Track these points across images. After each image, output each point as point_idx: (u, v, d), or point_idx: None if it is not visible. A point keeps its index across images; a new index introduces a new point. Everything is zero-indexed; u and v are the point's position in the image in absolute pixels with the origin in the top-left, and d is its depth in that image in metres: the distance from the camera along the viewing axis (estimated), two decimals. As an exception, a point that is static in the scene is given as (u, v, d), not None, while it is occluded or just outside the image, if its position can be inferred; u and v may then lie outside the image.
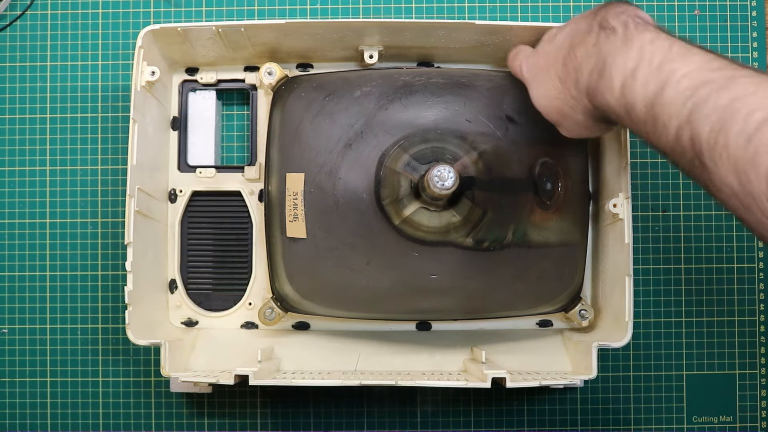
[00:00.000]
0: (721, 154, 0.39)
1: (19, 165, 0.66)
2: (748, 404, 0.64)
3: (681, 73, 0.41)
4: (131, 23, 0.66)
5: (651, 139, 0.43)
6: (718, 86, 0.40)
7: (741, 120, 0.38)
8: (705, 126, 0.39)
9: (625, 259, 0.55)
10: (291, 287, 0.59)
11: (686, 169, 0.42)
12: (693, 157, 0.40)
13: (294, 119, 0.58)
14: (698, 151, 0.40)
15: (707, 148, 0.39)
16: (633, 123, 0.44)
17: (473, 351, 0.60)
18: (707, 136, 0.39)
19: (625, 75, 0.44)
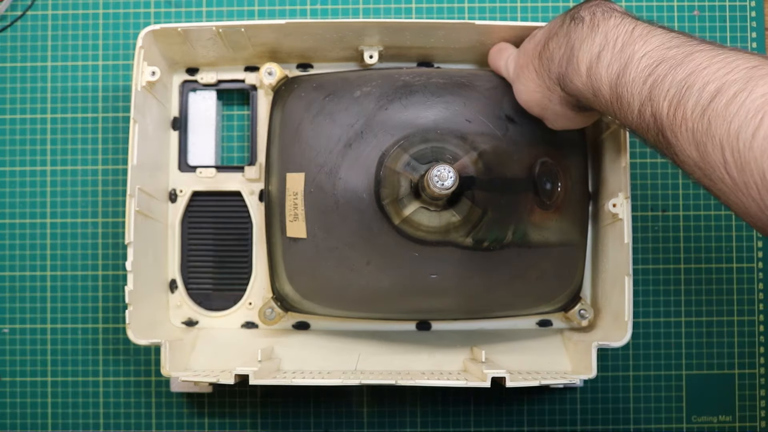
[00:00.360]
0: (681, 127, 0.40)
1: (20, 165, 0.66)
2: (748, 404, 0.64)
3: (641, 53, 0.43)
4: (131, 23, 0.66)
5: (619, 118, 0.45)
6: (676, 63, 0.41)
7: (696, 93, 0.39)
8: (664, 102, 0.41)
9: (625, 259, 0.55)
10: (291, 287, 0.59)
11: (652, 144, 0.43)
12: (657, 133, 0.42)
13: (294, 119, 0.58)
14: (660, 127, 0.41)
15: (668, 123, 0.41)
16: (601, 105, 0.46)
17: (473, 351, 0.60)
18: (666, 111, 0.41)
19: (590, 59, 0.45)
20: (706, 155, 0.39)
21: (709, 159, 0.39)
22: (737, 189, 0.38)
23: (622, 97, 0.44)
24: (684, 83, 0.40)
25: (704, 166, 0.40)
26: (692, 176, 0.41)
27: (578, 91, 0.47)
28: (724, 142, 0.38)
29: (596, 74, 0.45)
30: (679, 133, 0.40)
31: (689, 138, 0.40)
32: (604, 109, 0.46)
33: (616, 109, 0.44)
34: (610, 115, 0.46)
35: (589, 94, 0.46)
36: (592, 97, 0.46)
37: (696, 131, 0.39)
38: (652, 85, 0.42)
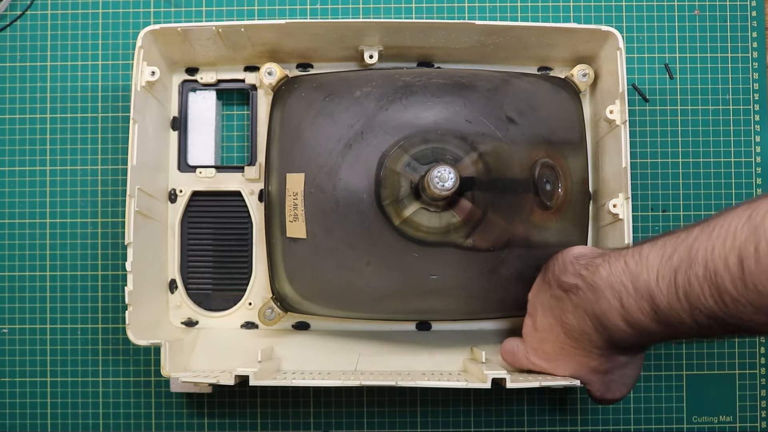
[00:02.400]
0: (737, 306, 0.40)
1: (19, 165, 0.66)
2: (748, 404, 0.64)
3: (653, 279, 0.44)
4: (131, 23, 0.66)
5: (682, 336, 0.46)
6: (688, 263, 0.42)
7: (726, 273, 0.40)
8: (709, 300, 0.41)
9: (625, 260, 0.55)
10: (291, 287, 0.59)
11: (728, 335, 0.44)
12: (722, 326, 0.42)
13: (294, 119, 0.58)
14: (722, 320, 0.42)
15: (725, 313, 0.41)
16: (658, 338, 0.47)
17: (473, 351, 0.60)
18: (715, 305, 0.41)
19: (619, 314, 0.46)
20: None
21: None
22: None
23: (671, 321, 0.44)
24: (709, 274, 0.41)
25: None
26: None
27: (632, 342, 0.48)
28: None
29: (636, 322, 0.46)
30: (741, 313, 0.40)
31: (750, 309, 0.40)
32: (664, 340, 0.47)
33: (674, 333, 0.45)
34: (673, 340, 0.48)
35: (644, 339, 0.47)
36: (647, 340, 0.47)
37: (751, 300, 0.39)
38: (687, 296, 0.42)
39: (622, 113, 0.57)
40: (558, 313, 0.51)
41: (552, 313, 0.52)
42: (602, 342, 0.49)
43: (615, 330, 0.47)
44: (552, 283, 0.52)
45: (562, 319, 0.51)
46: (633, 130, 0.65)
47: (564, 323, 0.51)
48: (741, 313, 0.40)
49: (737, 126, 0.66)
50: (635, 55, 0.66)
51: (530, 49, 0.61)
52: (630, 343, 0.48)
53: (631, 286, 0.45)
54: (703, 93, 0.66)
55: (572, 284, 0.49)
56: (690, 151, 0.65)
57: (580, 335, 0.50)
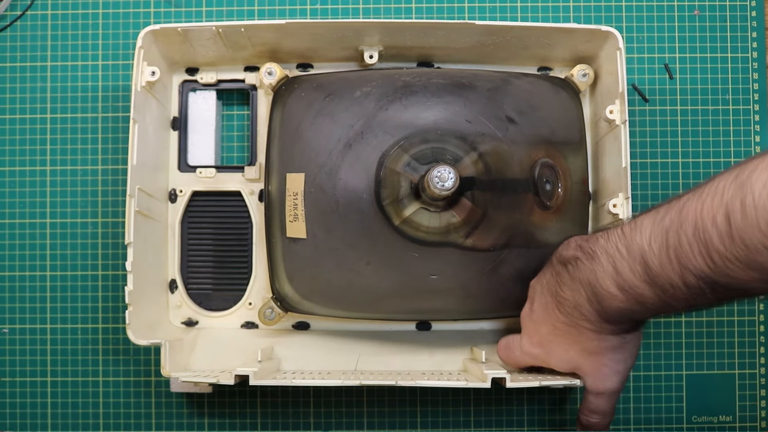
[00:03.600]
0: (725, 265, 0.40)
1: (20, 165, 0.66)
2: (748, 404, 0.64)
3: (646, 241, 0.45)
4: (131, 23, 0.66)
5: (673, 305, 0.45)
6: (678, 224, 0.42)
7: (714, 231, 0.40)
8: (697, 259, 0.42)
9: (625, 259, 0.55)
10: (291, 287, 0.59)
11: (717, 301, 0.44)
12: (712, 288, 0.42)
13: (294, 119, 0.58)
14: (711, 281, 0.42)
15: (714, 271, 0.41)
16: (651, 307, 0.46)
17: (473, 351, 0.60)
18: (704, 264, 0.41)
19: (613, 278, 0.47)
20: (761, 265, 0.39)
21: (765, 265, 0.39)
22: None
23: (662, 283, 0.44)
24: (698, 233, 0.41)
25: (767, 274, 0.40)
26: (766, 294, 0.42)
27: (622, 311, 0.48)
28: (766, 241, 0.38)
29: (628, 285, 0.46)
30: (730, 270, 0.40)
31: (738, 265, 0.40)
32: (655, 309, 0.47)
33: (665, 298, 0.45)
34: (664, 311, 0.47)
35: (635, 306, 0.47)
36: (639, 307, 0.47)
37: (739, 255, 0.40)
38: (678, 255, 0.43)
39: (621, 113, 0.57)
40: (554, 288, 0.51)
41: (549, 290, 0.52)
42: (593, 314, 0.49)
43: (606, 297, 0.47)
44: (554, 261, 0.52)
45: (558, 294, 0.51)
46: (633, 130, 0.65)
47: (559, 298, 0.51)
48: (730, 270, 0.40)
49: (737, 126, 0.66)
50: (635, 55, 0.66)
51: (530, 49, 0.61)
52: (622, 312, 0.48)
53: (625, 250, 0.46)
54: (703, 93, 0.66)
55: (571, 256, 0.50)
56: (690, 151, 0.65)
57: (572, 309, 0.50)
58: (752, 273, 0.40)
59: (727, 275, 0.41)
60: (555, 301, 0.51)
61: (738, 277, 0.40)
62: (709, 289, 0.42)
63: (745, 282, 0.41)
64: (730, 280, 0.41)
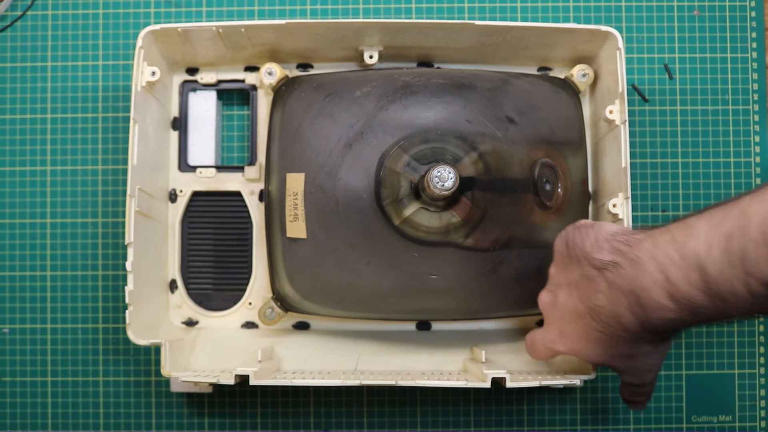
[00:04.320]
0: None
1: (20, 165, 0.66)
2: (748, 404, 0.64)
3: (704, 246, 0.41)
4: (131, 23, 0.66)
5: (731, 313, 0.42)
6: (742, 228, 0.39)
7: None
8: (766, 265, 0.39)
9: (625, 259, 0.55)
10: (291, 287, 0.59)
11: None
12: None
13: (294, 119, 0.58)
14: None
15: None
16: (705, 317, 0.43)
17: (473, 351, 0.60)
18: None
19: (663, 288, 0.43)
20: None
21: None
22: None
23: (723, 292, 0.41)
24: (766, 237, 0.38)
25: None
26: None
27: (673, 322, 0.44)
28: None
29: (681, 295, 0.42)
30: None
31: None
32: (708, 319, 0.43)
33: (724, 308, 0.42)
34: (717, 321, 0.44)
35: (687, 316, 0.43)
36: (691, 317, 0.43)
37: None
38: (743, 261, 0.39)
39: (621, 113, 0.57)
40: (586, 294, 0.47)
41: (578, 293, 0.48)
42: (635, 325, 0.45)
43: (655, 308, 0.44)
44: (582, 260, 0.48)
45: (591, 301, 0.47)
46: (632, 130, 0.65)
47: (592, 305, 0.47)
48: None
49: (737, 126, 0.66)
50: (635, 55, 0.66)
51: (530, 50, 0.61)
52: (669, 323, 0.44)
53: (678, 256, 0.42)
54: (702, 93, 0.66)
55: (609, 261, 0.46)
56: (689, 151, 0.65)
57: (609, 318, 0.46)
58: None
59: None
60: (587, 307, 0.47)
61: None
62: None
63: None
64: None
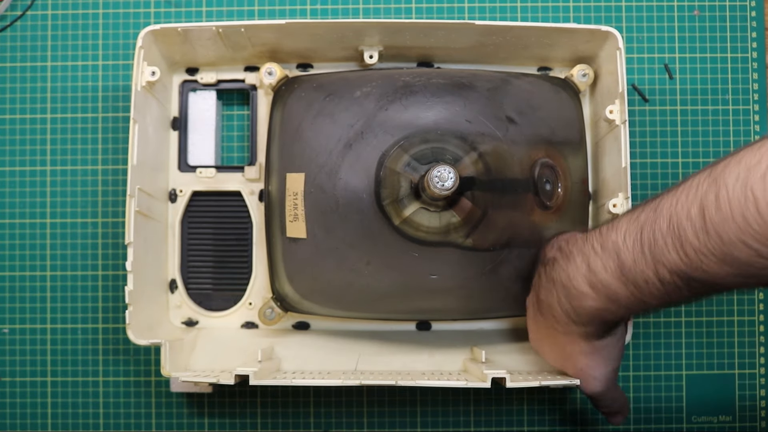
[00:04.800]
0: (701, 258, 0.40)
1: (20, 165, 0.66)
2: (748, 404, 0.64)
3: (621, 237, 0.44)
4: (131, 23, 0.66)
5: (647, 303, 0.45)
6: (653, 219, 0.42)
7: (688, 225, 0.40)
8: (672, 254, 0.41)
9: (625, 259, 0.55)
10: (291, 287, 0.59)
11: (693, 296, 0.43)
12: (687, 283, 0.42)
13: (294, 119, 0.58)
14: (685, 275, 0.42)
15: (688, 266, 0.41)
16: (623, 305, 0.46)
17: (473, 351, 0.60)
18: (679, 258, 0.41)
19: (585, 276, 0.46)
20: (736, 259, 0.39)
21: (742, 258, 0.39)
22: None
23: (636, 279, 0.44)
24: (672, 227, 0.41)
25: (743, 269, 0.40)
26: (743, 287, 0.42)
27: (595, 310, 0.47)
28: (742, 235, 0.38)
29: (601, 282, 0.45)
30: (705, 264, 0.40)
31: (713, 259, 0.40)
32: (627, 307, 0.46)
33: (639, 295, 0.44)
34: (638, 310, 0.46)
35: (608, 304, 0.46)
36: (612, 305, 0.46)
37: (713, 249, 0.40)
38: (651, 250, 0.42)
39: (621, 113, 0.57)
40: (537, 289, 0.51)
41: (533, 291, 0.52)
42: (562, 316, 0.49)
43: (576, 296, 0.47)
44: (539, 263, 0.52)
45: (538, 296, 0.51)
46: (633, 130, 0.65)
47: (538, 300, 0.51)
48: (704, 264, 0.40)
49: (737, 126, 0.66)
50: (635, 55, 0.66)
51: (530, 49, 0.61)
52: (593, 313, 0.47)
53: (599, 247, 0.46)
54: (702, 93, 0.66)
55: (551, 257, 0.50)
56: (690, 151, 0.65)
57: (547, 310, 0.50)
58: (727, 267, 0.40)
59: (702, 270, 0.41)
60: (537, 302, 0.51)
61: (713, 271, 0.40)
62: (684, 285, 0.42)
63: (720, 276, 0.40)
64: (704, 274, 0.41)
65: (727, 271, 0.40)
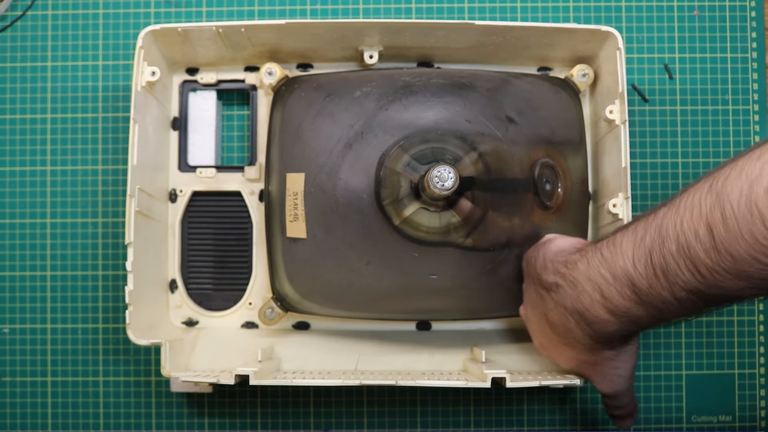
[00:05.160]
0: (714, 276, 0.40)
1: (20, 165, 0.66)
2: (747, 404, 0.64)
3: (629, 263, 0.44)
4: (131, 23, 0.66)
5: (665, 320, 0.45)
6: (660, 241, 0.42)
7: (698, 246, 0.40)
8: (686, 274, 0.41)
9: (625, 259, 0.55)
10: (291, 287, 0.59)
11: (710, 310, 0.43)
12: (704, 300, 0.42)
13: (294, 119, 0.58)
14: (702, 294, 0.42)
15: (704, 284, 0.41)
16: (642, 325, 0.47)
17: (473, 351, 0.60)
18: (693, 277, 0.41)
19: (602, 305, 0.46)
20: (750, 275, 0.39)
21: (755, 274, 0.39)
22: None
23: (654, 302, 0.44)
24: (681, 249, 0.41)
25: (757, 282, 0.40)
26: (758, 297, 0.42)
27: (616, 332, 0.48)
28: (753, 252, 0.38)
29: (619, 309, 0.46)
30: (719, 281, 0.40)
31: (727, 276, 0.40)
32: (649, 325, 0.47)
33: (658, 315, 0.45)
34: (658, 325, 0.47)
35: (628, 326, 0.47)
36: (632, 327, 0.47)
37: (726, 267, 0.40)
38: (665, 273, 0.42)
39: (621, 113, 0.57)
40: (542, 310, 0.51)
41: (538, 309, 0.52)
42: (585, 338, 0.49)
43: (598, 323, 0.47)
44: (534, 279, 0.52)
45: (547, 317, 0.51)
46: (632, 130, 0.65)
47: (549, 321, 0.51)
48: (719, 281, 0.40)
49: (737, 126, 0.66)
50: (635, 55, 0.66)
51: (530, 49, 0.61)
52: (615, 333, 0.48)
53: (609, 275, 0.45)
54: (702, 93, 0.66)
55: (552, 283, 0.49)
56: (689, 151, 0.65)
57: (564, 332, 0.50)
58: (741, 282, 0.40)
59: (717, 286, 0.41)
60: (545, 321, 0.51)
61: (728, 287, 0.40)
62: (700, 301, 0.42)
63: (735, 291, 0.41)
64: (720, 290, 0.41)
65: (742, 286, 0.40)
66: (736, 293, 0.41)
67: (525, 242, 0.56)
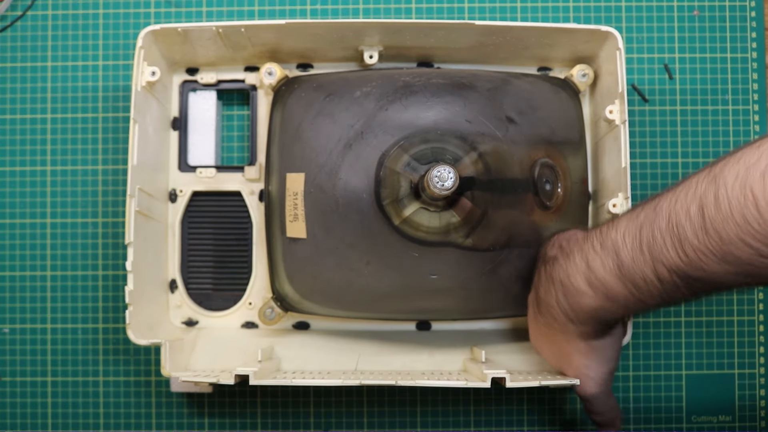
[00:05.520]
0: (700, 257, 0.40)
1: (20, 165, 0.66)
2: (747, 404, 0.64)
3: (620, 235, 0.44)
4: (131, 23, 0.66)
5: (645, 302, 0.45)
6: (652, 218, 0.42)
7: (687, 224, 0.40)
8: (670, 252, 0.41)
9: (625, 259, 0.55)
10: (291, 287, 0.59)
11: (692, 296, 0.43)
12: (685, 282, 0.42)
13: (294, 119, 0.58)
14: (684, 274, 0.42)
15: (687, 265, 0.41)
16: (621, 304, 0.46)
17: (473, 351, 0.60)
18: (678, 256, 0.41)
19: (584, 274, 0.46)
20: (736, 258, 0.39)
21: (742, 258, 0.39)
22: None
23: (635, 278, 0.44)
24: (671, 226, 0.41)
25: (743, 267, 0.39)
26: (743, 286, 0.42)
27: (593, 309, 0.47)
28: (742, 234, 0.38)
29: (599, 280, 0.45)
30: (704, 263, 0.40)
31: (712, 258, 0.40)
32: (625, 306, 0.46)
33: (638, 294, 0.44)
34: (636, 309, 0.46)
35: (606, 303, 0.46)
36: (610, 304, 0.46)
37: (713, 249, 0.40)
38: (650, 248, 0.42)
39: (621, 113, 0.57)
40: (536, 287, 0.51)
41: (534, 290, 0.52)
42: (560, 315, 0.49)
43: (574, 293, 0.47)
44: (541, 258, 0.52)
45: (537, 294, 0.51)
46: (632, 130, 0.65)
47: (537, 298, 0.51)
48: (703, 263, 0.40)
49: (737, 126, 0.66)
50: (635, 55, 0.66)
51: (530, 50, 0.61)
52: (590, 312, 0.47)
53: (599, 246, 0.46)
54: (702, 93, 0.66)
55: (552, 256, 0.50)
56: (689, 151, 0.65)
57: (546, 309, 0.50)
58: (726, 266, 0.40)
59: (701, 268, 0.40)
60: (537, 299, 0.52)
61: (712, 270, 0.40)
62: (683, 284, 0.42)
63: (719, 275, 0.40)
64: (703, 273, 0.41)
65: (726, 270, 0.40)
66: (720, 278, 0.41)
67: (525, 242, 0.56)
